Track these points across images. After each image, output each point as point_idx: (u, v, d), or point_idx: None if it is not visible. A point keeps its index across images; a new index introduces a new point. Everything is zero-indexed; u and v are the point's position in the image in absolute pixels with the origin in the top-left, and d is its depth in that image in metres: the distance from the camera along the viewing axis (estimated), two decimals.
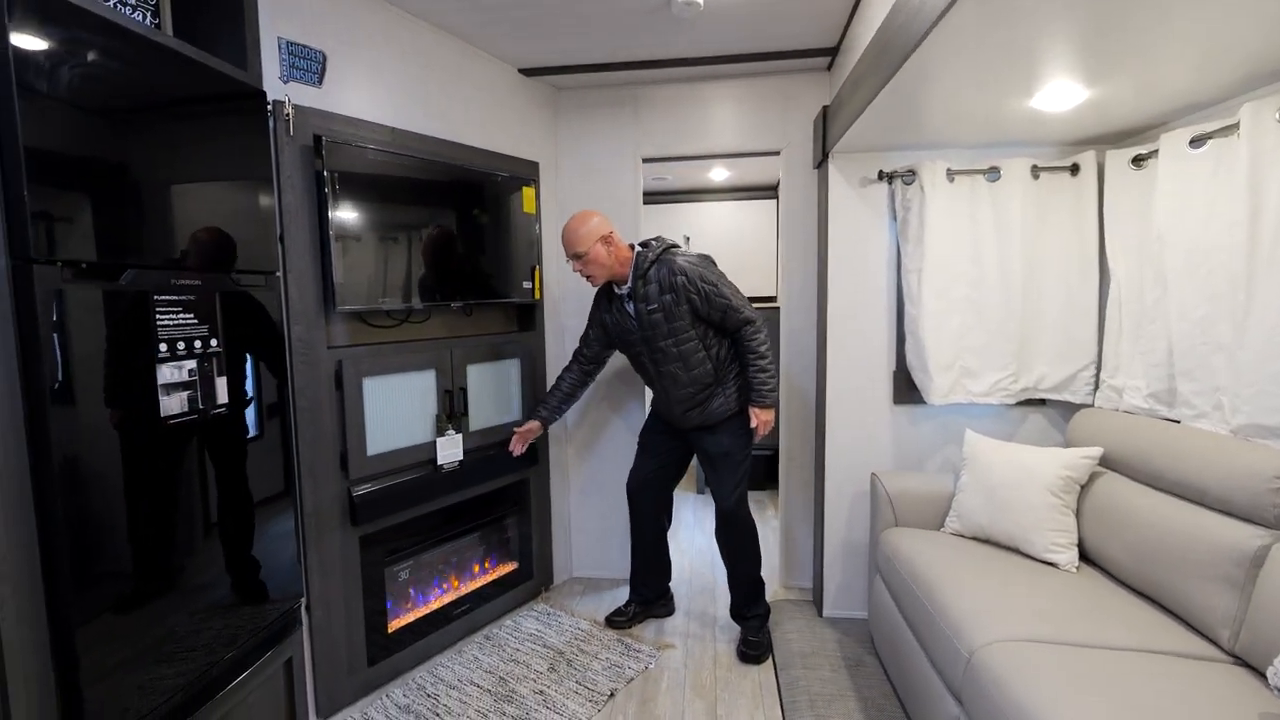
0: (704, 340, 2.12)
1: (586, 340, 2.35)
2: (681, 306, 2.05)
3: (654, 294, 2.08)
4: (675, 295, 2.05)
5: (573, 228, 2.12)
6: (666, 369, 2.15)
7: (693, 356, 2.12)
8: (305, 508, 1.84)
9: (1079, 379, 2.20)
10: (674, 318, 2.07)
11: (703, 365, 2.13)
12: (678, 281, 2.04)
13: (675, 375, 2.15)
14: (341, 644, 1.95)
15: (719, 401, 2.18)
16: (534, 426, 2.37)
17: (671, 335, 2.09)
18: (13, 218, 1.08)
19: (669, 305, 2.06)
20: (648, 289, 2.09)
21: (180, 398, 1.36)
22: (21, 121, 1.06)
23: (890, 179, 2.30)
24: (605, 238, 2.12)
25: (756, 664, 2.21)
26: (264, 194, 1.65)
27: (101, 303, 1.21)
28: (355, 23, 1.94)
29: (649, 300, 2.09)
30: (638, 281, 2.11)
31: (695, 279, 2.04)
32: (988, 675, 1.34)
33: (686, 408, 2.20)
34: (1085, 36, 1.36)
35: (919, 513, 2.14)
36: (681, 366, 2.13)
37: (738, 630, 2.34)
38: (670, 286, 2.05)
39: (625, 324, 2.20)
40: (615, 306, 2.22)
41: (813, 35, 2.28)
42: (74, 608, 1.15)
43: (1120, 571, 1.72)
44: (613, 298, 2.24)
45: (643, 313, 2.12)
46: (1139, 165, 1.96)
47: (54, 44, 1.12)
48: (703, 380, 2.15)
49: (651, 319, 2.10)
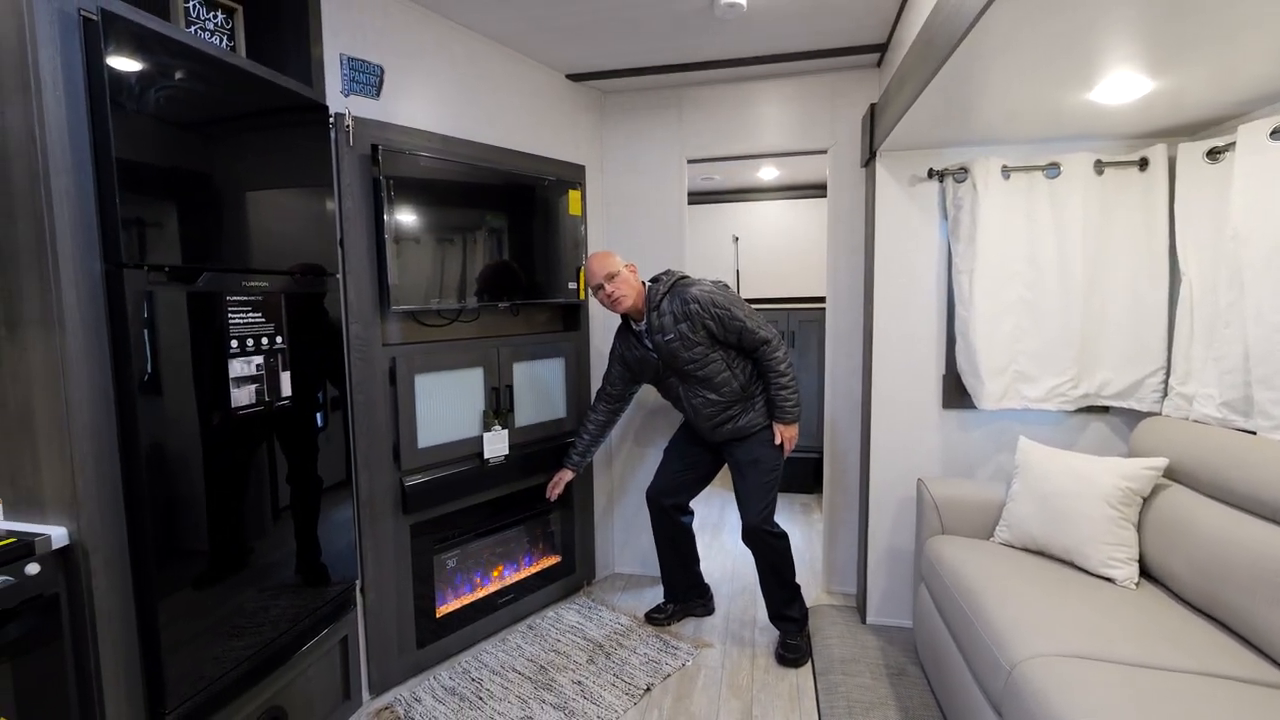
0: (728, 362, 2.17)
1: (610, 379, 2.39)
2: (699, 333, 2.11)
3: (669, 324, 2.14)
4: (691, 323, 2.11)
5: (599, 257, 2.22)
6: (693, 392, 2.21)
7: (717, 378, 2.17)
8: (361, 496, 1.95)
9: (1145, 385, 2.08)
10: (691, 344, 2.13)
11: (729, 384, 2.18)
12: (691, 309, 2.11)
13: (703, 397, 2.20)
14: (392, 626, 2.06)
15: (749, 417, 2.23)
16: (565, 475, 2.44)
17: (692, 361, 2.15)
18: (107, 226, 1.20)
19: (685, 333, 2.12)
20: (662, 320, 2.15)
21: (249, 390, 1.48)
22: (115, 138, 1.18)
23: (941, 177, 2.23)
24: (628, 266, 2.22)
25: (794, 667, 2.20)
26: (326, 201, 1.77)
27: (183, 303, 1.33)
28: (411, 36, 2.05)
29: (664, 331, 2.15)
30: (651, 314, 2.18)
31: (707, 305, 2.10)
32: (1029, 690, 1.30)
33: (716, 424, 2.24)
34: (1149, 24, 1.29)
35: (967, 521, 2.08)
36: (708, 388, 2.18)
37: (777, 633, 2.33)
38: (685, 315, 2.11)
39: (645, 358, 2.25)
40: (633, 342, 2.28)
41: (861, 31, 2.25)
42: (157, 582, 1.28)
43: (1183, 589, 1.62)
44: (629, 334, 2.30)
45: (660, 344, 2.18)
46: (1214, 159, 1.84)
47: (143, 67, 1.24)
48: (730, 399, 2.20)
49: (670, 348, 2.15)
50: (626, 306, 2.21)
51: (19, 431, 1.19)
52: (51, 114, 1.13)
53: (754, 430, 2.24)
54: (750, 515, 2.23)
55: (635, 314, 2.24)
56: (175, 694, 1.30)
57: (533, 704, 1.98)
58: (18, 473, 1.20)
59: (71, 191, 1.16)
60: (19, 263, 1.15)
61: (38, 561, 1.11)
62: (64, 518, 1.18)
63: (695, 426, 2.33)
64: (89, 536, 1.18)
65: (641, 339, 2.25)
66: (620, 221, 2.83)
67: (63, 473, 1.17)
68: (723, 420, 2.22)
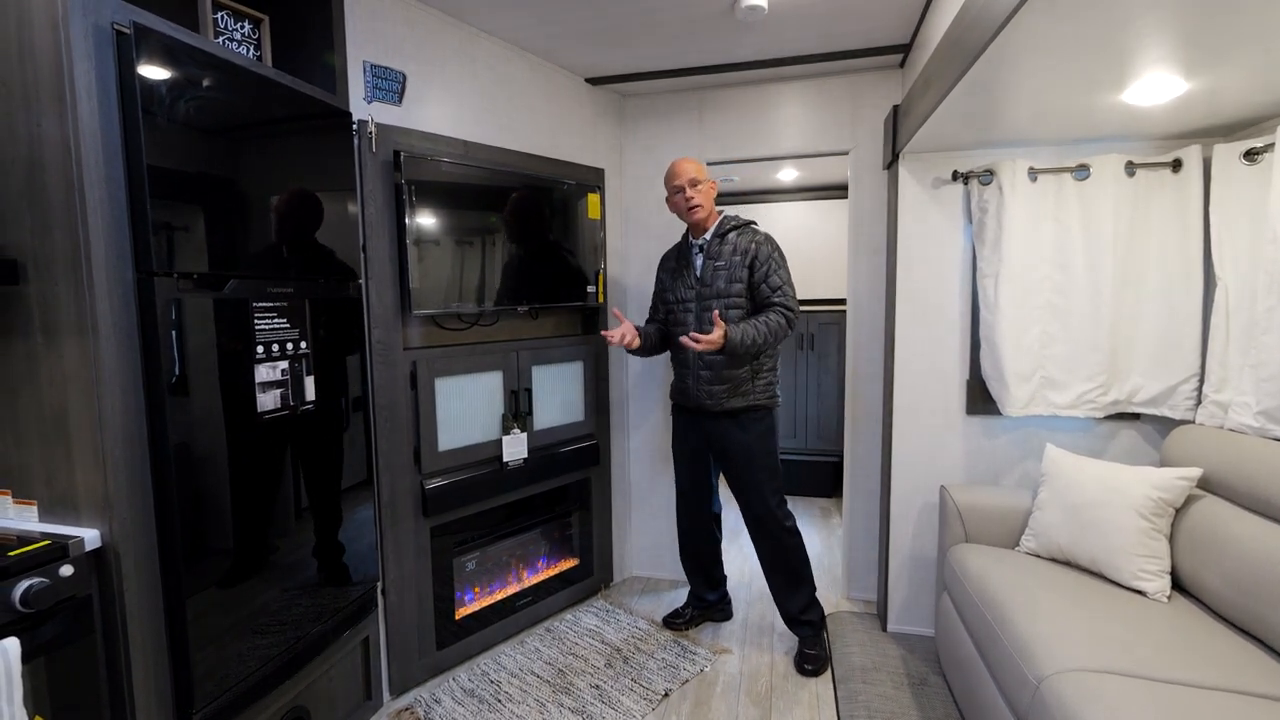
0: (749, 316, 2.14)
1: (654, 309, 2.44)
2: (744, 271, 2.13)
3: (726, 253, 2.16)
4: (743, 258, 2.13)
5: (690, 160, 2.24)
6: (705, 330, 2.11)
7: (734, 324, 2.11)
8: (382, 498, 1.97)
9: (1179, 393, 2.03)
10: (734, 280, 2.14)
11: None
12: (751, 246, 2.13)
13: None
14: (413, 627, 2.08)
15: (744, 391, 2.17)
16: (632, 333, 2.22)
17: (723, 296, 2.15)
18: (138, 234, 1.23)
19: (735, 267, 2.14)
20: (722, 248, 2.18)
21: (274, 394, 1.50)
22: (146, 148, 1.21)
23: (965, 179, 2.20)
24: (711, 182, 2.24)
25: (815, 677, 2.17)
26: (349, 207, 1.79)
27: (211, 310, 1.35)
28: (433, 43, 2.06)
29: (719, 258, 2.17)
30: (715, 239, 2.20)
31: (769, 252, 2.14)
32: (1057, 706, 1.27)
33: (712, 382, 2.17)
34: (1185, 24, 1.25)
35: (991, 529, 2.04)
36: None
37: (795, 640, 2.31)
38: (743, 250, 2.14)
39: (684, 277, 2.25)
40: (683, 259, 2.28)
41: (884, 32, 2.22)
42: (185, 580, 1.30)
43: (1218, 604, 1.58)
44: (681, 252, 2.30)
45: (708, 268, 2.19)
46: (1252, 160, 1.78)
47: (174, 78, 1.26)
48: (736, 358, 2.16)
49: (714, 274, 2.17)
50: (699, 217, 2.21)
51: (54, 435, 1.22)
52: (86, 125, 1.15)
53: (744, 410, 2.18)
54: (758, 502, 2.20)
55: (697, 230, 2.25)
56: (203, 694, 1.33)
57: (551, 708, 1.99)
58: (53, 475, 1.23)
59: (105, 201, 1.18)
60: (55, 271, 1.18)
61: (71, 563, 1.14)
62: (97, 520, 1.21)
63: (688, 382, 2.25)
64: (120, 539, 1.21)
65: (692, 253, 2.26)
66: (639, 224, 2.82)
67: (96, 476, 1.20)
68: (718, 380, 2.16)
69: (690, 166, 2.21)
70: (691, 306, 2.22)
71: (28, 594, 1.05)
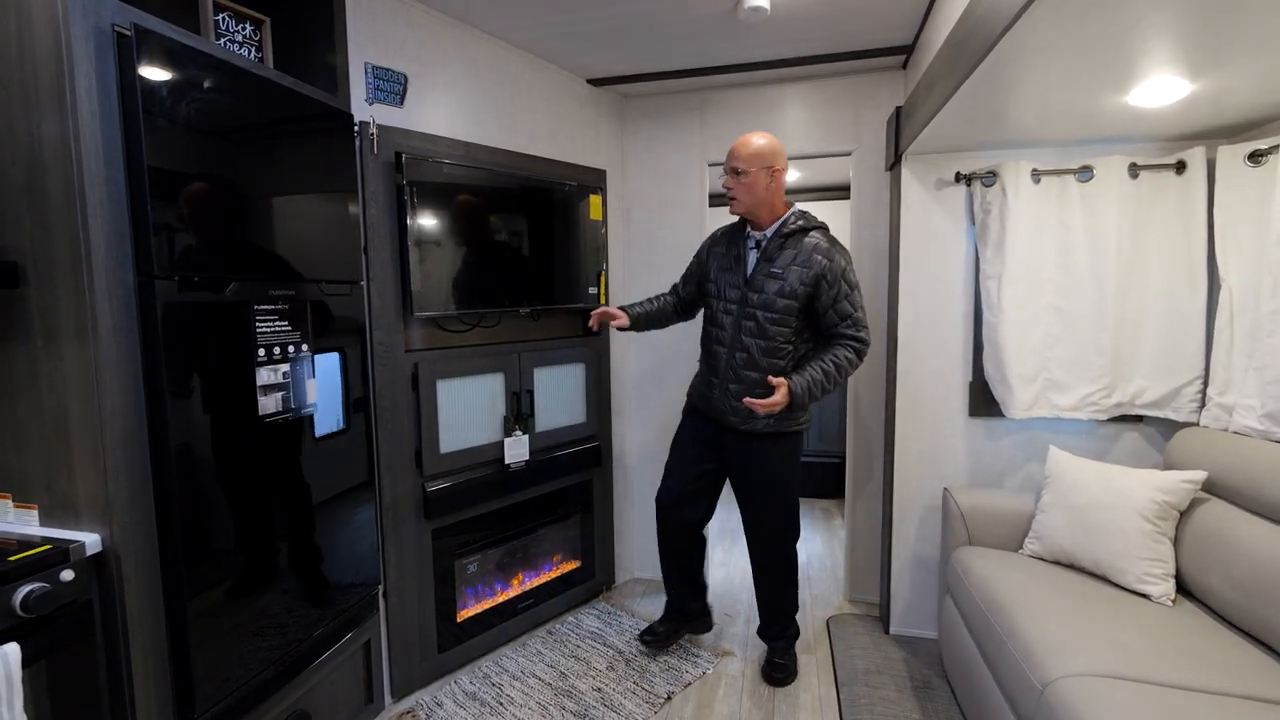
0: (798, 334, 1.92)
1: (684, 282, 2.23)
2: (803, 287, 1.86)
3: (786, 260, 1.88)
4: (806, 273, 1.85)
5: (746, 140, 1.92)
6: (744, 341, 1.94)
7: (777, 342, 1.91)
8: (384, 501, 1.97)
9: (1182, 395, 2.02)
10: (787, 295, 1.87)
11: (779, 357, 1.91)
12: (818, 262, 1.85)
13: (748, 351, 1.93)
14: (414, 630, 2.07)
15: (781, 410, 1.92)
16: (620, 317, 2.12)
17: (770, 309, 1.89)
18: (139, 237, 1.22)
19: (793, 280, 1.86)
20: (783, 252, 1.90)
21: (276, 398, 1.49)
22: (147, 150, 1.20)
23: (968, 181, 2.19)
24: (772, 170, 1.90)
25: (782, 686, 2.11)
26: (351, 208, 1.78)
27: (212, 313, 1.34)
28: (434, 44, 2.05)
29: (775, 262, 1.90)
30: (775, 239, 1.92)
31: (839, 272, 1.85)
32: (1062, 710, 1.27)
33: (740, 395, 1.93)
34: (1189, 27, 1.25)
35: (994, 532, 2.03)
36: (760, 346, 1.92)
37: (800, 640, 2.30)
38: (807, 262, 1.86)
39: (734, 273, 1.98)
40: (734, 251, 2.01)
41: (886, 33, 2.21)
42: (186, 584, 1.29)
43: (1223, 608, 1.57)
44: (734, 240, 2.03)
45: (761, 270, 1.91)
46: (1256, 162, 1.78)
47: (174, 80, 1.25)
48: (771, 373, 1.91)
49: (764, 281, 1.90)
50: (737, 211, 1.97)
51: (55, 439, 1.21)
52: (86, 127, 1.14)
53: (772, 433, 1.97)
54: (768, 528, 2.08)
55: (756, 223, 1.97)
56: (204, 698, 1.32)
57: (553, 710, 1.98)
58: (53, 480, 1.22)
59: (105, 204, 1.18)
60: (55, 275, 1.17)
61: (72, 568, 1.13)
62: (97, 524, 1.20)
63: (712, 389, 2.02)
64: (121, 543, 1.20)
65: (746, 245, 1.99)
66: (641, 225, 2.82)
67: (96, 480, 1.19)
68: (749, 394, 1.92)
69: (741, 146, 1.91)
70: (733, 309, 1.97)
71: (28, 599, 1.05)
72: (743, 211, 1.96)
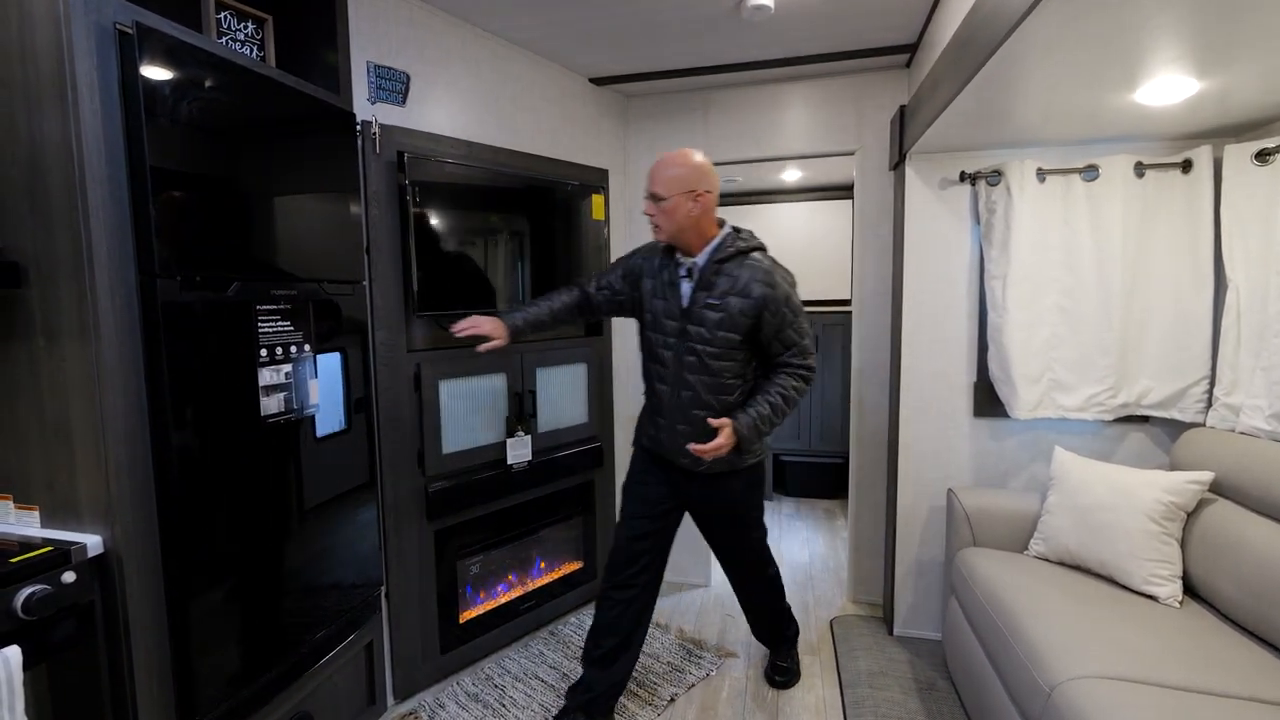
0: (744, 367, 1.75)
1: (601, 283, 1.93)
2: (744, 319, 1.69)
3: (724, 288, 1.70)
4: (746, 303, 1.68)
5: (665, 163, 1.72)
6: (687, 379, 1.75)
7: (724, 378, 1.73)
8: (386, 501, 1.96)
9: (1189, 395, 2.01)
10: (728, 326, 1.69)
11: (728, 395, 1.74)
12: (757, 291, 1.68)
13: (694, 390, 1.75)
14: (417, 631, 2.07)
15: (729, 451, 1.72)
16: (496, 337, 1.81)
17: (712, 343, 1.71)
18: (141, 236, 1.21)
19: (733, 310, 1.69)
20: (717, 279, 1.71)
21: (278, 398, 1.48)
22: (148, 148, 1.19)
23: (973, 180, 2.18)
24: (695, 194, 1.70)
25: (785, 689, 2.10)
26: (353, 208, 1.77)
27: (214, 312, 1.34)
28: (437, 43, 2.05)
29: (712, 292, 1.71)
30: (710, 266, 1.73)
31: (781, 300, 1.69)
32: (1071, 714, 1.26)
33: (691, 437, 1.74)
34: (1197, 24, 1.24)
35: (999, 533, 2.02)
36: (706, 383, 1.74)
37: (803, 641, 2.29)
38: (745, 291, 1.68)
39: (670, 304, 1.78)
40: (666, 277, 1.80)
41: (890, 32, 2.20)
42: (188, 585, 1.29)
43: (1231, 609, 1.56)
44: (665, 265, 1.82)
45: (699, 302, 1.73)
46: (1264, 161, 1.77)
47: (176, 78, 1.25)
48: (722, 410, 1.73)
49: (703, 313, 1.72)
50: (662, 238, 1.78)
51: (56, 440, 1.20)
52: (88, 126, 1.14)
53: (727, 469, 1.80)
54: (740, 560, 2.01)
55: (686, 250, 1.78)
56: (206, 701, 1.31)
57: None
58: (55, 480, 1.22)
59: (107, 202, 1.17)
60: (57, 274, 1.17)
61: (74, 570, 1.12)
62: (99, 525, 1.20)
63: (660, 431, 1.82)
64: (123, 544, 1.19)
65: (679, 279, 1.78)
66: (644, 225, 2.80)
67: (98, 481, 1.19)
68: (699, 438, 1.71)
69: (659, 169, 1.72)
70: (673, 343, 1.77)
71: (30, 601, 1.04)
72: (667, 239, 1.77)
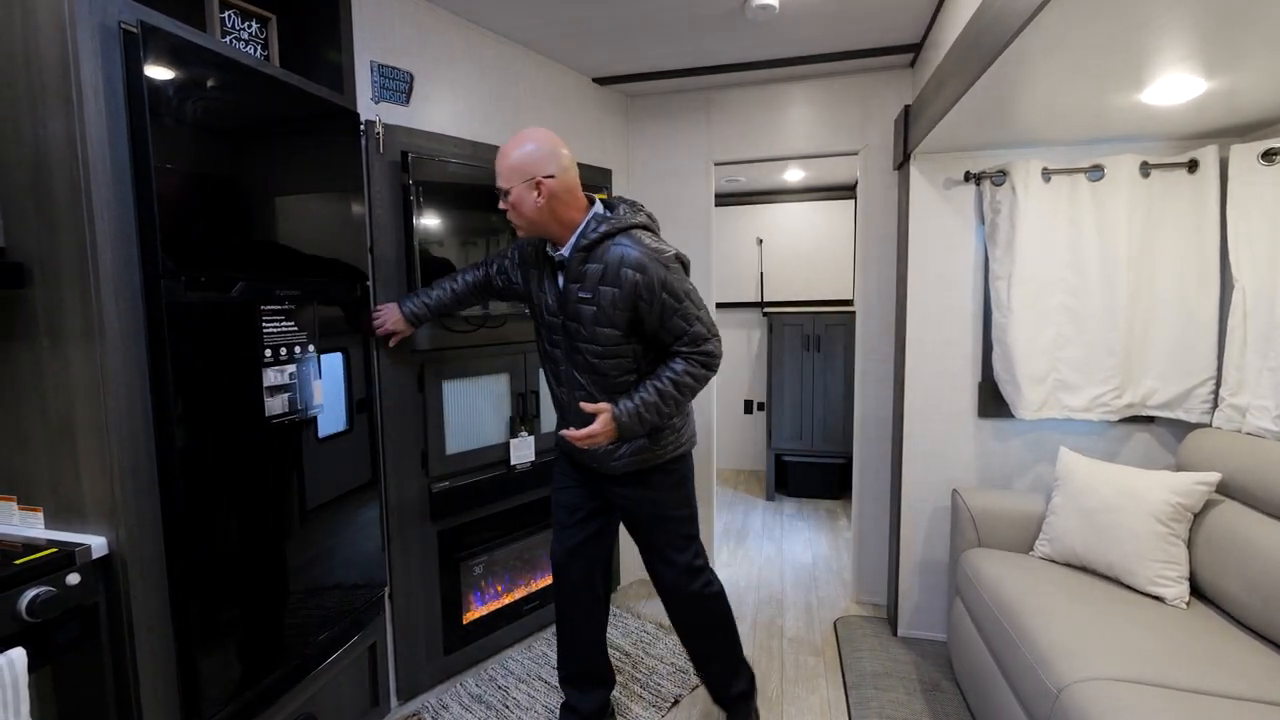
0: (636, 361, 1.56)
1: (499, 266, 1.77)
2: (620, 311, 1.48)
3: (592, 277, 1.49)
4: (619, 292, 1.47)
5: (502, 150, 1.50)
6: (578, 378, 1.60)
7: (613, 376, 1.56)
8: (389, 502, 1.95)
9: (1194, 396, 2.00)
10: (605, 321, 1.50)
11: (623, 391, 1.57)
12: (627, 277, 1.46)
13: (585, 390, 1.59)
14: (420, 632, 2.06)
15: (646, 451, 1.61)
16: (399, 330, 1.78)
17: (595, 341, 1.52)
18: (145, 236, 1.21)
19: (606, 302, 1.48)
20: (585, 268, 1.50)
21: (282, 399, 1.48)
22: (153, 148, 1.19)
23: (978, 180, 2.18)
24: (535, 181, 1.46)
25: None
26: (356, 208, 1.77)
27: (219, 313, 1.33)
28: (440, 43, 2.04)
29: (583, 283, 1.51)
30: (576, 254, 1.51)
31: (655, 283, 1.46)
32: (1079, 715, 1.25)
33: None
34: (1205, 24, 1.23)
35: (1004, 534, 2.02)
36: (598, 383, 1.58)
37: (807, 642, 2.28)
38: (616, 279, 1.47)
39: (545, 298, 1.61)
40: (544, 270, 1.62)
41: (895, 32, 2.20)
42: (192, 586, 1.28)
43: (1239, 611, 1.56)
44: (540, 254, 1.63)
45: (571, 295, 1.53)
46: (1270, 160, 1.76)
47: (181, 78, 1.24)
48: None
49: (578, 308, 1.52)
50: (524, 234, 1.59)
51: (61, 442, 1.20)
52: (93, 126, 1.13)
53: (644, 468, 1.63)
54: (671, 573, 1.72)
55: (554, 240, 1.57)
56: (210, 702, 1.31)
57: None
58: (59, 482, 1.21)
59: (112, 203, 1.16)
60: (61, 275, 1.16)
61: (78, 571, 1.12)
62: (104, 527, 1.19)
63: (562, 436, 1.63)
64: (128, 546, 1.19)
65: (555, 272, 1.58)
66: None
67: (103, 482, 1.18)
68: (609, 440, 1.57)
69: (498, 160, 1.50)
70: (560, 341, 1.60)
71: (34, 603, 1.03)
72: (527, 233, 1.58)
